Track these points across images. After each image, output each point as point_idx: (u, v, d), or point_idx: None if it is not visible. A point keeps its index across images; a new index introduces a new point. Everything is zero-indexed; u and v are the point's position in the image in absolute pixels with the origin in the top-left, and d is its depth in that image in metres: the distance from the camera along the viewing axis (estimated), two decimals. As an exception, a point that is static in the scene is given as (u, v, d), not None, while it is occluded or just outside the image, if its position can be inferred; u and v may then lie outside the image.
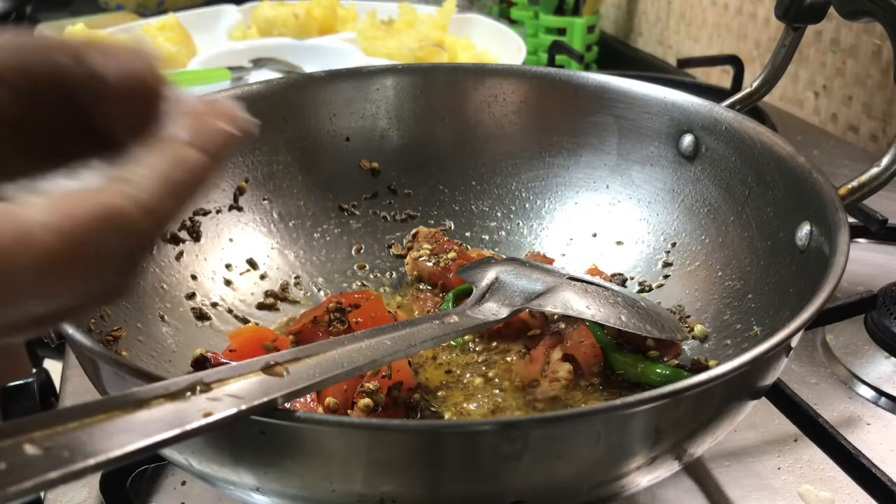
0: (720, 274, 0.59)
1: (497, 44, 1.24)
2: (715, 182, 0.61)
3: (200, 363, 0.52)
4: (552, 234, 0.69)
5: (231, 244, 0.63)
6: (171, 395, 0.29)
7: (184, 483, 0.52)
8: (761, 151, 0.57)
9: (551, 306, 0.53)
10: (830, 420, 0.53)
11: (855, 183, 0.52)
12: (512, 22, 1.39)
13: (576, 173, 0.69)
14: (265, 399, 0.31)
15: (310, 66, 1.16)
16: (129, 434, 0.26)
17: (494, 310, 0.52)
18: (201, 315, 0.58)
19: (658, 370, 0.52)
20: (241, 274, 0.63)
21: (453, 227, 0.71)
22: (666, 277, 0.63)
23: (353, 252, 0.68)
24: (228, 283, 0.62)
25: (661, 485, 0.52)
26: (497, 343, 0.58)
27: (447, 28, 1.25)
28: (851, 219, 0.49)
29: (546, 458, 0.35)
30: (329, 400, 0.49)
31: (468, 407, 0.53)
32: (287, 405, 0.44)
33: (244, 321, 0.60)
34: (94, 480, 0.51)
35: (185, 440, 0.27)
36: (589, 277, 0.57)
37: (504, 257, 0.65)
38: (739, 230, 0.59)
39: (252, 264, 0.64)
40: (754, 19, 1.20)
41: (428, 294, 0.64)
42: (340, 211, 0.69)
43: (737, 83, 1.11)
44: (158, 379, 0.32)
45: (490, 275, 0.55)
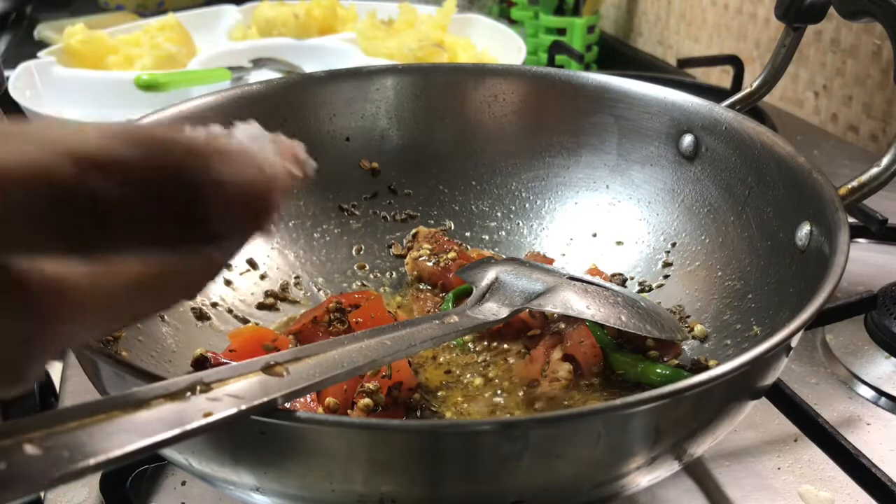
0: (720, 274, 0.59)
1: (497, 44, 1.24)
2: (715, 182, 0.61)
3: (200, 363, 0.52)
4: (552, 234, 0.69)
5: (231, 244, 0.63)
6: (171, 395, 0.29)
7: (184, 483, 0.52)
8: (761, 151, 0.57)
9: (551, 306, 0.53)
10: (830, 420, 0.53)
11: (855, 183, 0.52)
12: (512, 22, 1.39)
13: (576, 173, 0.69)
14: (265, 399, 0.31)
15: (310, 66, 1.16)
16: (129, 434, 0.26)
17: (494, 310, 0.52)
18: (201, 315, 0.58)
19: (658, 370, 0.52)
20: (241, 274, 0.63)
21: (453, 227, 0.71)
22: (666, 277, 0.63)
23: (353, 252, 0.68)
24: (228, 283, 0.62)
25: (661, 485, 0.52)
26: (497, 343, 0.58)
27: (447, 28, 1.25)
28: (851, 219, 0.49)
29: (546, 458, 0.35)
30: (329, 400, 0.49)
31: (468, 407, 0.53)
32: (287, 405, 0.44)
33: (244, 321, 0.60)
34: (94, 480, 0.51)
35: (185, 440, 0.27)
36: (589, 277, 0.57)
37: (504, 257, 0.65)
38: (739, 230, 0.59)
39: (252, 264, 0.64)
40: (754, 19, 1.20)
41: (428, 294, 0.64)
42: (340, 211, 0.69)
43: (737, 83, 1.11)
44: (158, 379, 0.32)
45: (490, 275, 0.55)
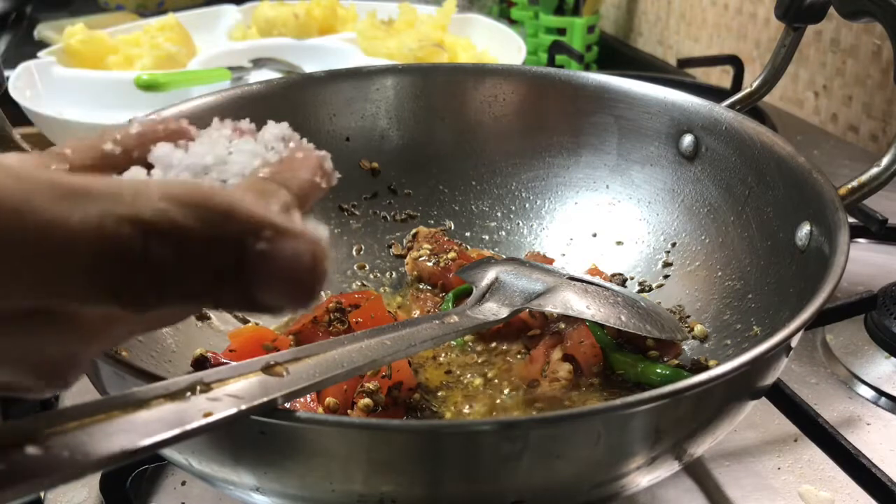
0: (720, 274, 0.59)
1: (497, 44, 1.24)
2: (715, 182, 0.61)
3: (200, 363, 0.52)
4: (552, 234, 0.69)
5: (231, 244, 0.63)
6: (171, 395, 0.29)
7: (184, 483, 0.52)
8: (761, 151, 0.57)
9: (551, 306, 0.53)
10: (830, 420, 0.53)
11: (855, 183, 0.52)
12: (512, 22, 1.39)
13: (576, 173, 0.69)
14: (265, 399, 0.31)
15: (310, 66, 1.16)
16: (129, 434, 0.26)
17: (494, 310, 0.52)
18: (201, 315, 0.58)
19: (658, 370, 0.52)
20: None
21: (453, 227, 0.71)
22: (666, 277, 0.63)
23: (353, 252, 0.68)
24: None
25: (661, 485, 0.52)
26: (497, 343, 0.58)
27: (447, 28, 1.25)
28: (851, 219, 0.49)
29: (546, 458, 0.35)
30: (329, 400, 0.49)
31: (468, 407, 0.53)
32: (287, 405, 0.44)
33: (244, 321, 0.60)
34: (94, 480, 0.51)
35: (185, 440, 0.27)
36: (589, 277, 0.57)
37: (504, 257, 0.65)
38: (739, 230, 0.59)
39: (252, 264, 0.64)
40: (754, 19, 1.20)
41: (428, 294, 0.64)
42: (340, 211, 0.69)
43: (737, 83, 1.11)
44: (158, 379, 0.32)
45: (490, 275, 0.55)
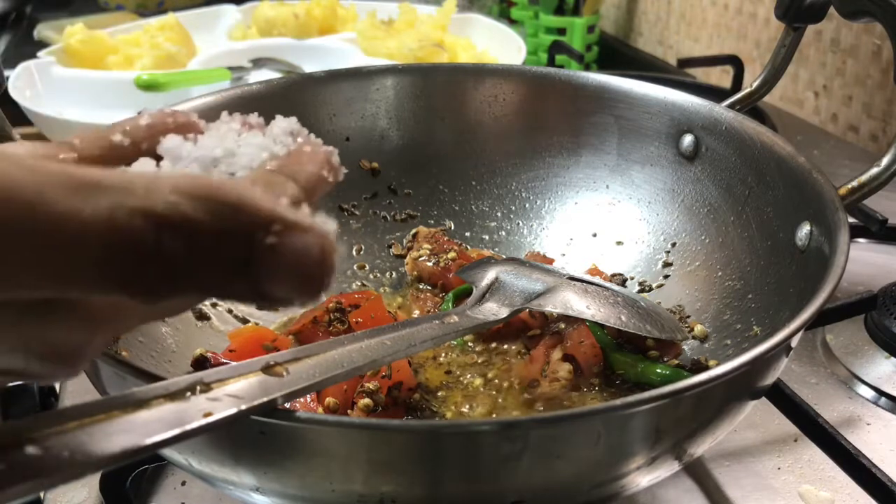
0: (720, 274, 0.59)
1: (497, 44, 1.24)
2: (715, 182, 0.61)
3: (200, 363, 0.52)
4: (552, 234, 0.69)
5: (231, 244, 0.63)
6: (171, 395, 0.28)
7: (184, 483, 0.52)
8: (761, 151, 0.57)
9: (551, 306, 0.53)
10: (830, 420, 0.53)
11: (855, 183, 0.52)
12: (512, 22, 1.39)
13: (576, 173, 0.69)
14: (265, 399, 0.31)
15: (310, 66, 1.16)
16: (129, 434, 0.26)
17: (494, 310, 0.52)
18: (201, 315, 0.58)
19: (658, 370, 0.52)
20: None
21: (453, 227, 0.71)
22: (666, 277, 0.63)
23: (354, 252, 0.68)
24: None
25: (661, 485, 0.52)
26: (497, 343, 0.58)
27: (447, 28, 1.25)
28: (851, 219, 0.49)
29: (546, 458, 0.35)
30: (329, 400, 0.49)
31: (468, 407, 0.53)
32: (287, 405, 0.44)
33: (244, 321, 0.60)
34: (94, 480, 0.51)
35: (185, 440, 0.27)
36: (589, 277, 0.57)
37: (504, 257, 0.65)
38: (739, 230, 0.59)
39: (252, 264, 0.64)
40: (754, 19, 1.20)
41: (428, 294, 0.64)
42: (340, 211, 0.69)
43: (737, 83, 1.11)
44: (158, 379, 0.32)
45: (490, 275, 0.55)
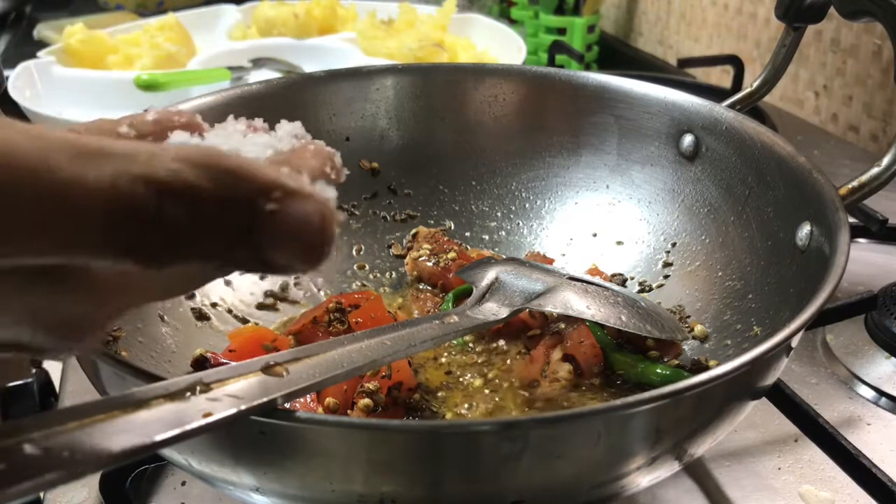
0: (720, 274, 0.59)
1: (497, 44, 1.24)
2: (715, 182, 0.61)
3: (200, 363, 0.52)
4: (552, 234, 0.69)
5: (231, 244, 0.63)
6: (171, 396, 0.28)
7: (184, 483, 0.52)
8: (761, 151, 0.57)
9: (551, 306, 0.53)
10: (831, 420, 0.53)
11: (855, 183, 0.52)
12: (512, 22, 1.39)
13: (576, 173, 0.69)
14: (265, 399, 0.31)
15: (310, 66, 1.16)
16: (129, 434, 0.26)
17: (494, 310, 0.52)
18: (201, 315, 0.58)
19: (658, 370, 0.52)
20: (241, 274, 0.63)
21: (453, 227, 0.71)
22: (666, 277, 0.63)
23: (353, 252, 0.68)
24: (228, 283, 0.62)
25: (662, 485, 0.52)
26: (497, 343, 0.58)
27: (447, 28, 1.25)
28: (852, 219, 0.49)
29: (546, 458, 0.35)
30: (329, 400, 0.49)
31: (468, 407, 0.53)
32: (287, 405, 0.44)
33: (244, 321, 0.60)
34: (94, 480, 0.51)
35: (185, 440, 0.27)
36: (589, 277, 0.57)
37: (504, 257, 0.65)
38: (740, 230, 0.58)
39: (252, 264, 0.64)
40: (754, 19, 1.20)
41: (428, 294, 0.64)
42: (340, 211, 0.69)
43: (737, 83, 1.11)
44: (158, 379, 0.32)
45: (490, 275, 0.55)
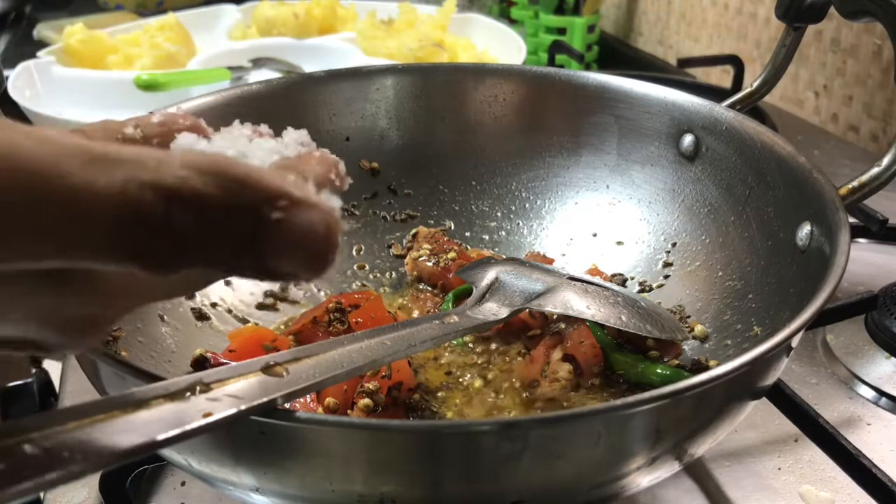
0: (720, 274, 0.59)
1: (497, 44, 1.24)
2: (715, 182, 0.61)
3: (200, 363, 0.52)
4: (552, 234, 0.69)
5: (231, 244, 0.63)
6: (171, 396, 0.28)
7: (184, 483, 0.52)
8: (762, 151, 0.57)
9: (551, 306, 0.53)
10: (831, 420, 0.53)
11: (855, 183, 0.52)
12: (512, 22, 1.39)
13: (576, 173, 0.69)
14: (265, 399, 0.31)
15: (310, 66, 1.16)
16: (129, 434, 0.26)
17: (494, 310, 0.52)
18: (201, 315, 0.58)
19: (658, 370, 0.52)
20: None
21: (453, 227, 0.71)
22: (666, 277, 0.63)
23: (353, 252, 0.68)
24: (228, 283, 0.62)
25: (662, 485, 0.52)
26: (497, 344, 0.58)
27: (447, 28, 1.25)
28: (852, 219, 0.49)
29: (546, 459, 0.35)
30: (329, 400, 0.49)
31: (468, 407, 0.53)
32: (287, 405, 0.44)
33: (244, 321, 0.60)
34: (94, 480, 0.51)
35: (185, 440, 0.27)
36: (589, 277, 0.57)
37: (504, 257, 0.65)
38: (740, 230, 0.58)
39: (252, 264, 0.64)
40: (754, 19, 1.20)
41: (428, 294, 0.64)
42: (340, 211, 0.69)
43: (737, 83, 1.11)
44: (158, 379, 0.32)
45: (490, 275, 0.55)
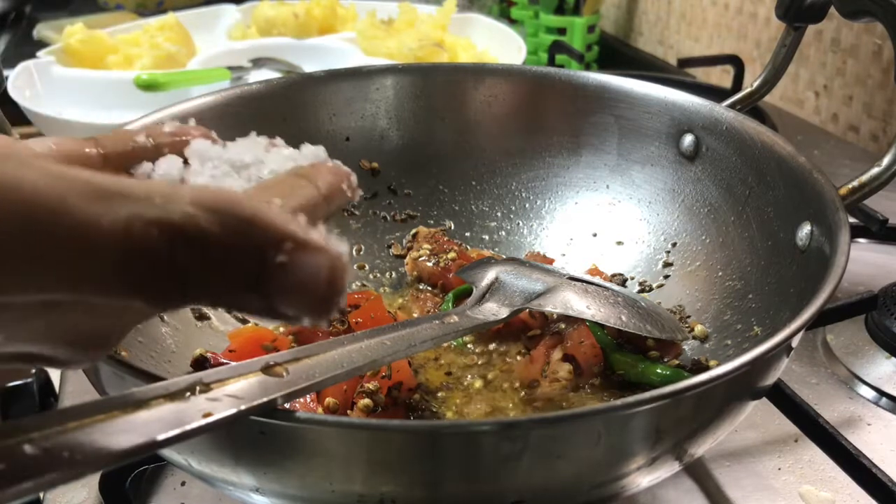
0: (720, 274, 0.59)
1: (497, 44, 1.24)
2: (715, 182, 0.61)
3: (200, 363, 0.52)
4: (552, 234, 0.69)
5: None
6: (171, 396, 0.28)
7: (184, 483, 0.52)
8: (762, 151, 0.57)
9: (551, 306, 0.53)
10: (831, 420, 0.53)
11: (855, 183, 0.52)
12: (512, 21, 1.39)
13: (576, 173, 0.69)
14: (265, 399, 0.31)
15: (310, 66, 1.16)
16: (129, 434, 0.26)
17: (494, 310, 0.52)
18: (201, 315, 0.58)
19: (658, 370, 0.52)
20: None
21: (453, 227, 0.71)
22: (666, 277, 0.63)
23: (354, 252, 0.68)
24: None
25: (662, 485, 0.52)
26: (497, 344, 0.58)
27: (447, 28, 1.25)
28: (852, 219, 0.49)
29: (546, 459, 0.35)
30: (329, 400, 0.49)
31: (468, 407, 0.53)
32: (287, 405, 0.44)
33: (244, 321, 0.60)
34: (94, 480, 0.51)
35: (185, 440, 0.27)
36: (589, 277, 0.57)
37: (504, 257, 0.65)
38: (740, 230, 0.58)
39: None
40: (754, 19, 1.20)
41: (428, 294, 0.64)
42: (340, 211, 0.69)
43: (737, 83, 1.11)
44: (158, 379, 0.32)
45: (490, 275, 0.55)
